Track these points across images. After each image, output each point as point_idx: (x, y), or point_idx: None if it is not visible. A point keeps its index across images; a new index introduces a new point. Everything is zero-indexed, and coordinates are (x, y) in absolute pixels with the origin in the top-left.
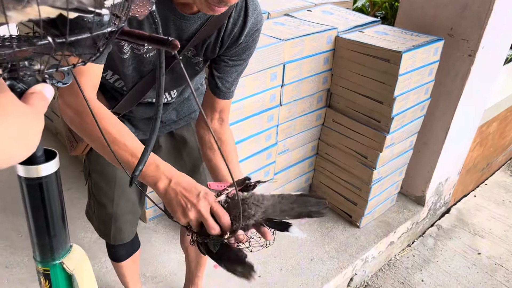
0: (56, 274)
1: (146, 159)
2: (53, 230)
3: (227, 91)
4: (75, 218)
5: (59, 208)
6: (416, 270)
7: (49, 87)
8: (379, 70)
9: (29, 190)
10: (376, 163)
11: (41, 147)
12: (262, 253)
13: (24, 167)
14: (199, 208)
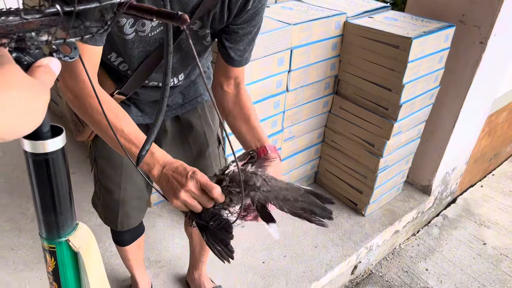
0: (62, 252)
1: (152, 139)
2: (59, 207)
3: (240, 59)
4: (80, 202)
5: (65, 184)
6: (420, 259)
7: (56, 61)
8: (388, 57)
9: (35, 166)
10: (383, 151)
11: (48, 123)
12: (266, 239)
13: (31, 142)
14: (189, 188)
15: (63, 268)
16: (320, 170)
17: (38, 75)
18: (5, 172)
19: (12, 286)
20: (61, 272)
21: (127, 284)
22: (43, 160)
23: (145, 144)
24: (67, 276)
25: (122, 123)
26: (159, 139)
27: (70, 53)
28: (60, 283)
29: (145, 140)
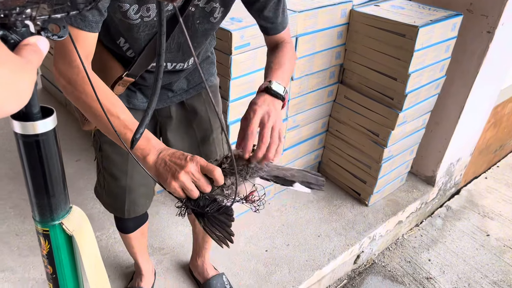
0: (56, 235)
1: (147, 121)
2: (52, 190)
3: (272, 25)
4: (83, 189)
5: (57, 167)
6: (423, 250)
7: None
8: (394, 46)
9: (26, 147)
10: (388, 141)
11: (38, 104)
12: (269, 228)
13: (20, 124)
14: (189, 169)
15: (57, 251)
16: (323, 159)
17: (25, 53)
18: (10, 158)
19: (16, 271)
20: (55, 255)
21: (130, 271)
22: (33, 141)
23: (139, 127)
24: (61, 259)
25: (117, 109)
26: (164, 125)
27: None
28: (54, 266)
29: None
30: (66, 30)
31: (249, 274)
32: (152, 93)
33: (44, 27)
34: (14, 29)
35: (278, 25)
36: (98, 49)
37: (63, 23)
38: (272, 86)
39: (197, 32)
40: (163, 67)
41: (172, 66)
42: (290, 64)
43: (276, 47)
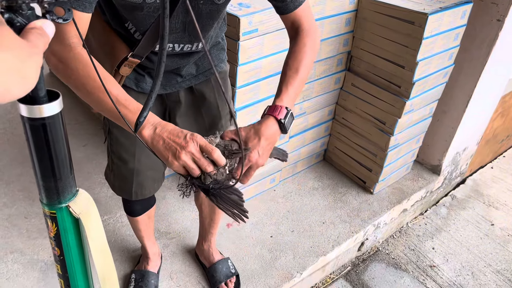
0: (63, 217)
1: (151, 104)
2: (59, 173)
3: (282, 4)
4: (91, 174)
5: (63, 150)
6: (427, 238)
7: (50, 23)
8: (402, 33)
9: (33, 131)
10: (394, 129)
11: (44, 87)
12: (274, 214)
13: (27, 107)
14: (189, 149)
15: (64, 233)
16: (329, 147)
17: (31, 37)
18: (19, 142)
19: (25, 253)
20: (62, 237)
21: (137, 254)
22: (40, 125)
23: (143, 110)
24: (68, 241)
25: (109, 85)
26: (173, 110)
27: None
28: (62, 248)
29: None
30: (70, 13)
31: (254, 259)
32: (156, 76)
33: (49, 10)
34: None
35: (291, 3)
36: (107, 32)
37: (68, 6)
38: (286, 122)
39: (201, 13)
40: (166, 50)
41: (180, 47)
42: (306, 68)
43: (294, 38)
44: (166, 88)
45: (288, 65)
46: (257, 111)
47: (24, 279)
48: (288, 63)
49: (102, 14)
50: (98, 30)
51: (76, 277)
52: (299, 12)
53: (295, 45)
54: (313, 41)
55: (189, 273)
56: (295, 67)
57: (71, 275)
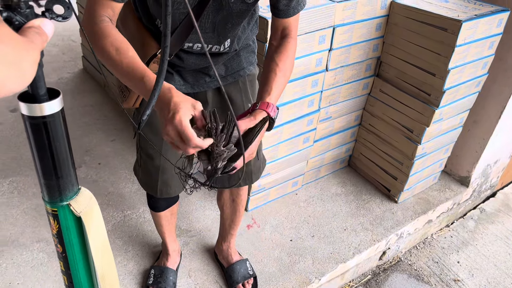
0: (64, 215)
1: (153, 103)
2: (60, 171)
3: (285, 8)
4: (117, 168)
5: (64, 148)
6: (452, 251)
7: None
8: (435, 40)
9: (33, 129)
10: (422, 138)
11: (44, 86)
12: (295, 218)
13: (27, 105)
14: (167, 131)
15: (66, 231)
16: (355, 153)
17: (28, 35)
18: None
19: (51, 242)
20: (64, 235)
21: (157, 250)
22: (40, 123)
23: (145, 110)
24: (70, 239)
25: (121, 55)
26: None
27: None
28: (64, 245)
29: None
30: (70, 11)
31: (273, 262)
32: (158, 73)
33: (48, 8)
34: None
35: (291, 10)
36: (138, 28)
37: (67, 4)
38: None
39: (231, 12)
40: (168, 48)
41: (208, 48)
42: (290, 73)
43: (281, 42)
44: (194, 87)
45: (278, 65)
46: (281, 114)
47: (48, 268)
48: (277, 64)
49: (136, 11)
50: (130, 26)
51: (78, 274)
52: (293, 20)
53: (284, 49)
54: (295, 49)
55: (207, 272)
56: (284, 69)
57: (73, 272)
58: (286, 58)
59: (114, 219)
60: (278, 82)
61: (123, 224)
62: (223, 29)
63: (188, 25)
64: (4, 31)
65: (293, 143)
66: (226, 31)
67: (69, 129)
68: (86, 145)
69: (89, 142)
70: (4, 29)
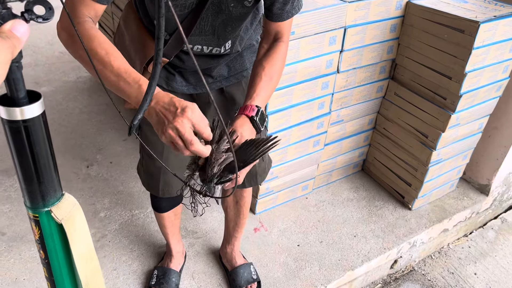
0: (45, 222)
1: (145, 107)
2: (41, 176)
3: (279, 12)
4: (128, 168)
5: (46, 153)
6: (469, 262)
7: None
8: (451, 42)
9: (13, 133)
10: (437, 143)
11: (24, 89)
12: (304, 222)
13: (6, 109)
14: (176, 124)
15: (47, 237)
16: (368, 158)
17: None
18: (64, 132)
19: None
20: (46, 241)
21: (162, 251)
22: (20, 127)
23: (137, 114)
24: (52, 246)
25: (111, 57)
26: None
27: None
28: (46, 251)
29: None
30: (52, 12)
31: (278, 267)
32: (151, 77)
33: (28, 8)
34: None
35: (285, 14)
36: (140, 29)
37: (48, 5)
38: (257, 119)
39: (231, 16)
40: (162, 51)
41: (209, 50)
42: (278, 78)
43: (272, 45)
44: (196, 88)
45: (264, 69)
46: (290, 116)
47: None
48: (264, 67)
49: (137, 12)
50: (132, 27)
51: (62, 280)
52: (286, 24)
53: (274, 53)
54: (286, 53)
55: (211, 274)
56: (270, 74)
57: (56, 278)
58: (275, 62)
59: (122, 218)
60: (263, 86)
61: (130, 223)
62: (223, 31)
63: (187, 27)
64: None
65: (303, 146)
66: (226, 33)
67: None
68: (99, 144)
69: (102, 141)
70: None
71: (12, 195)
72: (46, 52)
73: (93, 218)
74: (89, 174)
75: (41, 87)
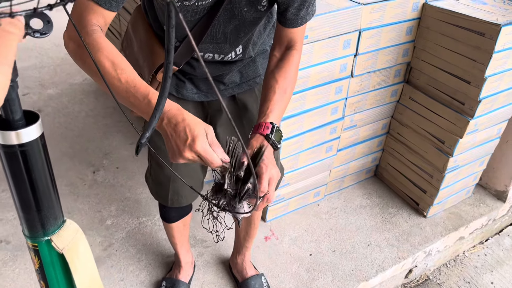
0: (46, 252)
1: (154, 124)
2: (40, 204)
3: (294, 17)
4: (135, 173)
5: (45, 179)
6: (486, 271)
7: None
8: (470, 45)
9: (8, 159)
10: (454, 149)
11: (20, 109)
12: (316, 231)
13: (0, 133)
14: (186, 156)
15: (48, 267)
16: (381, 163)
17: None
18: (71, 137)
19: None
20: (47, 271)
21: (171, 260)
22: (16, 152)
23: (144, 132)
24: (53, 276)
25: (118, 70)
26: (214, 118)
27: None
28: (47, 282)
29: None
30: (50, 25)
31: (290, 278)
32: (160, 93)
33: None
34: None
35: (300, 20)
36: (148, 35)
37: (47, 18)
38: (273, 137)
39: (244, 21)
40: (172, 64)
41: (220, 57)
42: (292, 89)
43: (285, 55)
44: (207, 95)
45: (277, 82)
46: (302, 122)
47: None
48: (277, 80)
49: (146, 16)
50: (141, 32)
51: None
52: (300, 30)
53: (287, 63)
54: (299, 62)
55: (221, 285)
56: (284, 87)
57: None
58: (288, 74)
59: (129, 226)
60: (277, 100)
61: (137, 231)
62: (235, 38)
63: (197, 34)
64: None
65: (315, 152)
66: (239, 39)
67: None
68: (106, 148)
69: (109, 145)
70: None
71: None
72: (51, 53)
73: (99, 226)
74: (95, 180)
75: (47, 89)
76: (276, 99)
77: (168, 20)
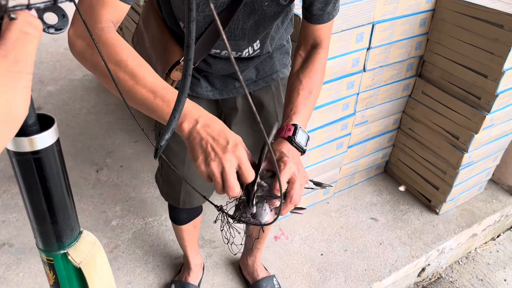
0: (60, 266)
1: (174, 125)
2: (55, 216)
3: (320, 13)
4: (140, 172)
5: (60, 188)
6: (499, 267)
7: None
8: (488, 38)
9: (21, 167)
10: (469, 145)
11: (33, 113)
12: (326, 229)
13: (13, 139)
14: (223, 162)
15: (64, 283)
16: (392, 159)
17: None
18: (73, 135)
19: None
20: (63, 286)
21: (179, 262)
22: (30, 160)
23: (164, 133)
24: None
25: (144, 70)
26: (229, 116)
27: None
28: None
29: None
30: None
31: (302, 279)
32: (180, 92)
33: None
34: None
35: (326, 15)
36: (161, 30)
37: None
38: (297, 139)
39: (265, 16)
40: (192, 62)
41: (238, 55)
42: (318, 90)
43: (311, 54)
44: (222, 93)
45: (302, 83)
46: (313, 119)
47: None
48: (301, 81)
49: (159, 11)
50: (153, 28)
51: None
52: (327, 27)
53: (312, 63)
54: (326, 61)
55: (231, 287)
56: (309, 87)
57: None
58: (314, 74)
59: (135, 227)
60: (301, 103)
61: (144, 232)
62: (254, 33)
63: (215, 31)
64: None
65: (325, 149)
66: (257, 35)
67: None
68: (109, 146)
69: (112, 143)
70: None
71: (20, 203)
72: (51, 48)
73: (105, 227)
74: (99, 179)
75: (46, 86)
76: (300, 101)
77: (188, 13)
